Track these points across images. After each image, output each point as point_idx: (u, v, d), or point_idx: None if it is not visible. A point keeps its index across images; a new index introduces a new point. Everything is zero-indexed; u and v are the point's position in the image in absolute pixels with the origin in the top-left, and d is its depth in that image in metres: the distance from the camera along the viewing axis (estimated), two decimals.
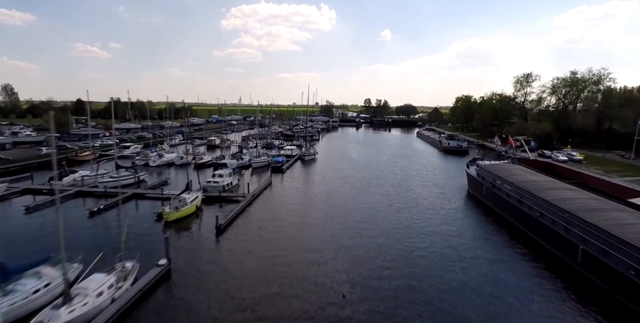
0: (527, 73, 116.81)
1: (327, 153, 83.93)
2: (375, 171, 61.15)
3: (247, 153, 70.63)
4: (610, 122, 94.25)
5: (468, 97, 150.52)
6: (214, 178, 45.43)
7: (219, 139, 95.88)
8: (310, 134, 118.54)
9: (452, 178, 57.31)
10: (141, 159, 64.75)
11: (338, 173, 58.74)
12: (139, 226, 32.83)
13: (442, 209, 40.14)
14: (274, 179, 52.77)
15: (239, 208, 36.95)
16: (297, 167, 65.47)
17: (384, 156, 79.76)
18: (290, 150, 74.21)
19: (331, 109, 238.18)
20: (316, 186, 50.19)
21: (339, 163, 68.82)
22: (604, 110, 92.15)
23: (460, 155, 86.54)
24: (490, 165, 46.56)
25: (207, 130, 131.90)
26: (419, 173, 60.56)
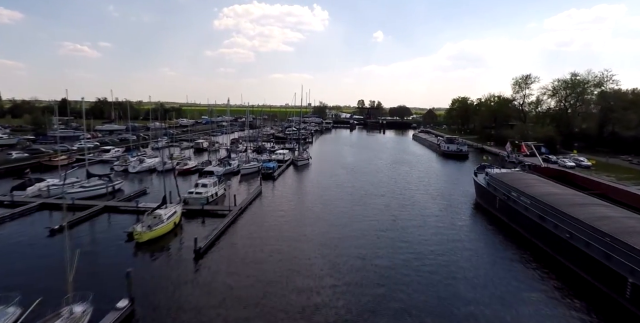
0: (526, 74, 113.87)
1: (321, 157, 79.49)
2: (374, 178, 56.84)
3: (236, 158, 65.90)
4: (612, 126, 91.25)
5: (464, 98, 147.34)
6: (197, 188, 40.67)
7: (207, 142, 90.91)
8: (303, 137, 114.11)
9: (456, 187, 53.26)
10: (120, 164, 59.70)
11: (334, 181, 54.34)
12: (104, 250, 28.14)
13: (452, 226, 35.85)
14: (264, 188, 48.22)
15: (223, 225, 32.29)
16: (289, 174, 60.93)
17: (381, 161, 75.54)
18: (282, 154, 69.60)
19: (324, 110, 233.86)
20: (311, 196, 45.70)
21: (335, 169, 64.42)
22: (607, 113, 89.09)
23: (461, 159, 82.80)
24: (501, 174, 42.51)
25: (196, 132, 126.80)
26: (421, 181, 56.40)
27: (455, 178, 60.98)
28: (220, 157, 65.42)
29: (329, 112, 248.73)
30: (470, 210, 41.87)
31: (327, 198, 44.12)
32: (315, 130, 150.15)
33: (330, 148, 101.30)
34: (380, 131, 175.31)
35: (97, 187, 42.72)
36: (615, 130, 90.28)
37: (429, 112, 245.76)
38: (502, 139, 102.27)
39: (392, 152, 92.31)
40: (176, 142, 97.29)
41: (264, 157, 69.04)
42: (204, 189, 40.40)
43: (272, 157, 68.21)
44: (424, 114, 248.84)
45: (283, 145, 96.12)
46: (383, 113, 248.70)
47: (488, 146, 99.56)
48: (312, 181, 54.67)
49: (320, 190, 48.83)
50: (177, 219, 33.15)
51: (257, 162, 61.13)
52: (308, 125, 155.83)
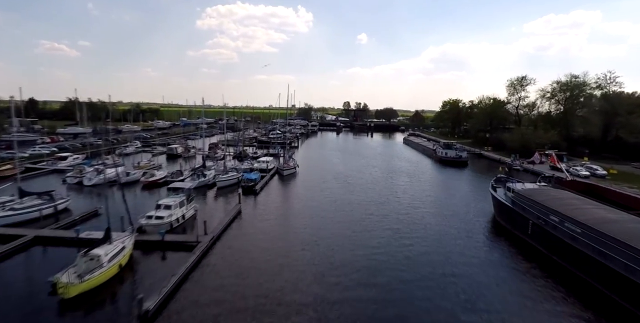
0: (522, 76, 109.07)
1: (309, 165, 71.73)
2: (372, 192, 49.34)
3: (213, 166, 57.55)
4: (616, 130, 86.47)
5: (456, 101, 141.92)
6: (158, 211, 32.29)
7: (182, 147, 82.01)
8: (288, 141, 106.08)
9: (467, 202, 46.31)
10: (74, 175, 50.65)
11: (326, 196, 46.60)
12: (13, 309, 19.77)
13: (479, 262, 28.63)
14: (244, 205, 40.23)
15: (185, 268, 24.12)
16: (274, 185, 52.93)
17: (375, 169, 68.21)
18: (265, 162, 61.49)
19: (309, 112, 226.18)
20: (300, 217, 37.80)
21: (325, 180, 56.70)
22: (611, 117, 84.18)
23: (460, 167, 76.30)
24: (530, 191, 35.58)
25: (172, 135, 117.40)
26: (426, 195, 49.22)
27: (462, 190, 54.10)
28: (195, 166, 56.95)
29: (315, 114, 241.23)
30: (494, 235, 34.74)
31: (321, 221, 36.36)
32: (301, 133, 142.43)
33: (318, 153, 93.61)
34: (367, 134, 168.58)
35: (31, 209, 33.90)
36: (619, 135, 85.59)
37: (416, 114, 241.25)
38: (499, 144, 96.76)
39: (385, 159, 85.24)
40: (149, 147, 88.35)
41: (245, 165, 60.88)
42: (166, 212, 32.09)
43: (254, 166, 60.09)
44: (411, 117, 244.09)
45: (267, 151, 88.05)
46: (369, 115, 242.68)
47: (486, 151, 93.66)
48: (301, 196, 46.80)
49: (312, 208, 41.01)
50: (125, 259, 24.88)
51: (237, 172, 52.95)
52: (293, 128, 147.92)
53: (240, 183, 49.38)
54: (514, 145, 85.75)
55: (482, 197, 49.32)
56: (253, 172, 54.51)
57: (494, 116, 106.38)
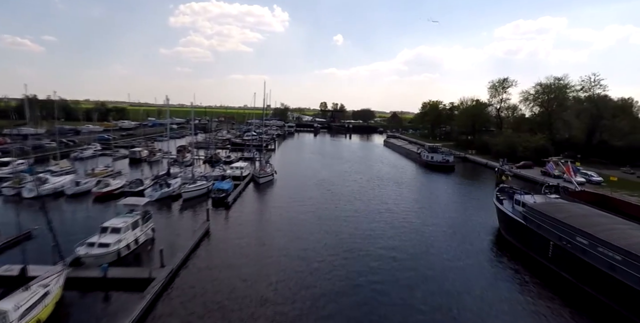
0: (504, 78, 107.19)
1: (287, 170, 65.89)
2: (360, 204, 43.97)
3: (180, 173, 50.91)
4: (600, 134, 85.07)
5: (436, 102, 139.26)
6: (103, 236, 25.72)
7: (146, 150, 74.47)
8: (265, 143, 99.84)
9: (467, 214, 41.97)
10: (11, 185, 42.93)
11: (309, 209, 40.88)
12: None
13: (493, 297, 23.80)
14: (214, 221, 34.18)
15: (133, 318, 18.03)
16: (249, 196, 46.81)
17: (360, 176, 63.09)
18: (239, 168, 55.22)
19: (286, 113, 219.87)
20: (280, 238, 31.84)
21: (307, 189, 51.03)
22: (596, 120, 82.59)
23: (447, 171, 72.35)
24: (544, 205, 31.16)
25: (139, 136, 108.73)
26: (419, 206, 44.38)
27: (457, 200, 49.71)
28: (158, 174, 50.08)
29: (291, 114, 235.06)
30: (505, 257, 30.10)
31: (304, 245, 30.70)
32: (277, 135, 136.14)
33: (297, 157, 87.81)
34: (345, 136, 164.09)
35: None
36: (604, 138, 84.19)
37: (393, 115, 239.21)
38: (483, 147, 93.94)
39: (368, 163, 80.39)
40: (110, 150, 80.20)
41: (216, 171, 54.45)
42: (114, 237, 25.60)
43: (226, 172, 53.76)
44: (388, 118, 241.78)
45: (241, 154, 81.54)
46: (346, 116, 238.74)
47: (470, 155, 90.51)
48: (280, 210, 40.87)
49: (293, 226, 35.19)
50: (48, 310, 18.46)
51: (207, 180, 46.58)
52: (269, 129, 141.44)
53: (210, 193, 43.18)
54: (499, 148, 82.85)
55: (479, 207, 45.19)
56: (225, 180, 48.29)
57: (477, 118, 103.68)
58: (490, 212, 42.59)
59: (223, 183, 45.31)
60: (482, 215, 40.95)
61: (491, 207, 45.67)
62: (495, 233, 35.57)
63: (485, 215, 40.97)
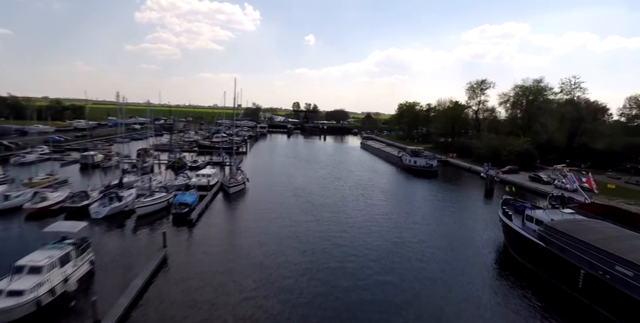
0: (482, 79, 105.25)
1: (260, 177, 59.81)
2: (347, 218, 38.61)
3: (136, 183, 44.04)
4: (580, 137, 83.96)
5: (412, 103, 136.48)
6: (14, 281, 19.02)
7: (101, 154, 66.36)
8: (236, 145, 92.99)
9: (465, 227, 37.39)
10: None
11: (287, 225, 35.12)
12: None
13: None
14: (174, 245, 28.04)
15: None
16: (217, 210, 40.42)
17: (341, 183, 57.86)
18: (207, 176, 48.76)
19: (257, 113, 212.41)
20: (256, 268, 25.98)
21: (284, 201, 45.16)
22: (576, 123, 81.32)
23: (430, 177, 68.43)
24: (565, 223, 26.83)
25: (96, 137, 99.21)
26: (413, 221, 39.16)
27: (451, 211, 45.23)
28: (110, 183, 42.85)
29: (263, 114, 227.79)
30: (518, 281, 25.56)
31: (286, 273, 25.04)
32: (249, 136, 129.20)
33: (270, 161, 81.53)
34: (320, 137, 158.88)
35: None
36: (584, 141, 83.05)
37: (367, 116, 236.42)
38: (464, 150, 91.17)
39: (347, 168, 75.33)
40: (60, 153, 71.47)
41: (179, 180, 47.80)
42: (30, 281, 19.00)
43: (191, 181, 47.21)
44: (362, 119, 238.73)
45: (210, 158, 74.67)
46: (319, 117, 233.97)
47: (451, 158, 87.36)
48: (254, 228, 34.81)
49: (272, 249, 29.43)
50: None
51: (167, 191, 39.95)
52: (240, 130, 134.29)
53: (171, 208, 36.70)
54: (482, 152, 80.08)
55: (474, 218, 41.16)
56: (190, 190, 41.83)
57: (456, 120, 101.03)
58: (486, 223, 38.87)
59: (186, 196, 38.90)
60: (480, 228, 36.94)
61: (486, 217, 41.92)
62: (499, 250, 31.33)
63: (484, 228, 36.96)
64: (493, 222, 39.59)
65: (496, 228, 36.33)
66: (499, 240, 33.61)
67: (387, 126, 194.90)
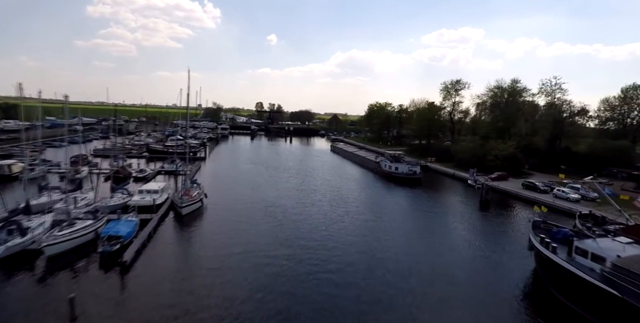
0: (457, 79, 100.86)
1: (222, 189, 50.36)
2: (336, 245, 30.46)
3: (56, 203, 33.45)
4: (560, 140, 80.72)
5: (384, 104, 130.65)
6: None
7: (20, 164, 54.04)
8: (193, 150, 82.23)
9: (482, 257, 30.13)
10: None
11: (262, 265, 26.32)
12: None
13: None
14: (91, 308, 18.58)
15: None
16: (162, 242, 30.52)
17: (318, 196, 49.47)
18: (152, 193, 38.65)
19: (219, 113, 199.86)
20: None
21: (253, 223, 36.14)
22: (558, 126, 77.78)
23: (413, 185, 61.64)
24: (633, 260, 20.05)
25: (26, 141, 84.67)
26: (417, 251, 31.77)
27: (450, 230, 38.15)
28: (16, 207, 31.85)
29: (224, 115, 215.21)
30: None
31: None
32: (209, 139, 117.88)
33: (233, 169, 71.47)
34: (285, 139, 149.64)
35: None
36: (565, 145, 79.84)
37: (334, 117, 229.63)
38: (443, 154, 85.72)
39: (322, 176, 66.90)
40: None
41: (116, 198, 37.54)
42: None
43: (132, 199, 37.08)
44: (328, 120, 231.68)
45: (161, 165, 64.05)
46: (284, 117, 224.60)
47: (430, 163, 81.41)
48: (215, 266, 25.75)
49: (239, 304, 20.59)
50: None
51: (95, 217, 29.85)
52: (199, 132, 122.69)
53: (98, 243, 26.78)
54: (464, 156, 74.59)
55: (482, 238, 33.90)
56: (127, 215, 31.88)
57: (432, 123, 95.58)
58: (497, 246, 31.83)
59: (121, 224, 29.07)
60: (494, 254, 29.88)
61: (493, 238, 35.17)
62: (532, 285, 24.35)
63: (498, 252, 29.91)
64: (505, 244, 32.92)
65: (513, 253, 29.72)
66: (525, 270, 26.79)
67: (355, 127, 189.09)
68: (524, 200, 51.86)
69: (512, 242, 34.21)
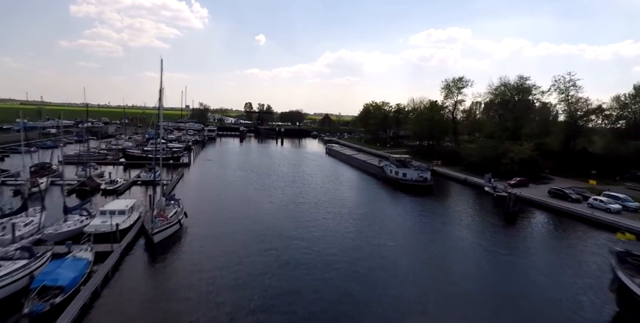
0: (459, 77, 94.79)
1: (206, 207, 42.80)
2: (362, 291, 23.34)
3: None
4: (575, 141, 74.81)
5: (382, 103, 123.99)
6: None
7: None
8: (176, 155, 74.29)
9: (518, 282, 23.26)
10: None
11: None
12: None
13: None
14: None
15: None
16: (123, 284, 22.83)
17: (322, 211, 42.31)
18: (117, 214, 30.91)
19: (206, 114, 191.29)
20: None
21: (247, 259, 28.61)
22: (574, 126, 71.88)
23: (424, 193, 54.96)
24: None
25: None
26: (451, 291, 24.89)
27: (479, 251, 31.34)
28: None
29: (212, 115, 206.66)
30: None
31: None
32: (195, 141, 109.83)
33: (221, 177, 63.45)
34: (276, 141, 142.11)
35: None
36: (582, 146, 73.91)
37: (325, 117, 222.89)
38: (450, 157, 79.38)
39: (323, 185, 59.24)
40: None
41: (71, 222, 29.88)
42: None
43: (90, 223, 29.40)
44: (320, 120, 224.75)
45: (137, 174, 56.24)
46: (274, 118, 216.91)
47: (437, 166, 74.82)
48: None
49: None
50: None
51: (30, 255, 22.23)
52: (184, 135, 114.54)
53: (27, 298, 19.17)
54: (475, 159, 68.23)
55: (532, 268, 26.87)
56: (78, 249, 24.28)
57: (435, 123, 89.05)
58: (542, 276, 24.84)
59: (63, 266, 21.47)
60: (550, 290, 22.87)
61: (536, 265, 27.86)
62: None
63: (548, 287, 22.99)
64: (557, 274, 26.10)
65: (574, 288, 22.96)
66: (603, 314, 20.07)
67: (349, 128, 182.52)
68: (554, 212, 45.49)
69: (562, 270, 27.51)
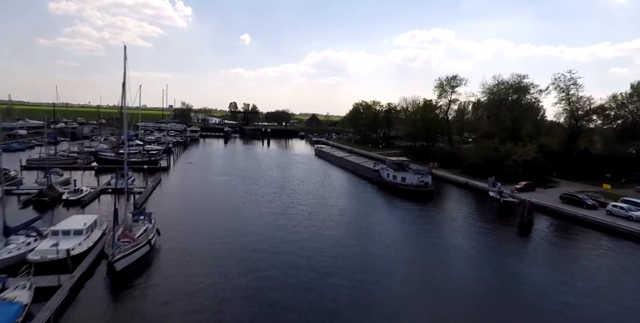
0: (453, 75, 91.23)
1: (184, 222, 37.39)
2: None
3: None
4: (577, 142, 71.76)
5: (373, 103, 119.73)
6: None
7: None
8: (154, 158, 68.35)
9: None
10: None
11: None
12: None
13: None
14: None
15: None
16: None
17: (318, 223, 37.50)
18: (74, 235, 25.49)
19: (189, 114, 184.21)
20: None
21: (225, 282, 23.71)
22: (576, 126, 68.83)
23: (424, 199, 50.73)
24: None
25: None
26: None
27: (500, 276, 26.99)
28: None
29: (195, 115, 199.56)
30: None
31: None
32: (176, 143, 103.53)
33: (202, 182, 57.84)
34: (262, 142, 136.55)
35: None
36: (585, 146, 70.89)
37: (313, 117, 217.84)
38: (447, 159, 75.52)
39: (312, 190, 54.66)
40: None
41: (16, 245, 24.35)
42: None
43: (36, 249, 23.90)
44: (307, 120, 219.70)
45: (107, 182, 50.43)
46: (260, 118, 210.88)
47: (434, 169, 70.72)
48: None
49: None
50: None
51: None
52: (164, 136, 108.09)
53: None
54: (474, 161, 64.38)
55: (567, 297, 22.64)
56: (11, 291, 18.90)
57: (431, 123, 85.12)
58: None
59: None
60: None
61: (564, 288, 23.42)
62: None
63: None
64: (594, 296, 21.89)
65: None
66: None
67: (336, 128, 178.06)
68: (569, 219, 41.75)
69: (599, 290, 23.38)
